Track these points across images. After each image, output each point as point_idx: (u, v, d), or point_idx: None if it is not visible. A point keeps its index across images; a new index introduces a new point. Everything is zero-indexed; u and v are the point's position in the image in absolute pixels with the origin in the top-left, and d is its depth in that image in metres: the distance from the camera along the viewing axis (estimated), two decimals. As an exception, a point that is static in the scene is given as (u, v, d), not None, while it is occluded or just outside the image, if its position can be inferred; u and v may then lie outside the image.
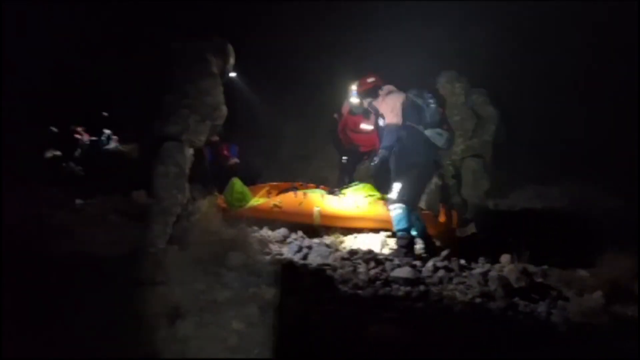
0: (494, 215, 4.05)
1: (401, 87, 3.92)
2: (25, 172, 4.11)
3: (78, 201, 3.62)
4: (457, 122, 4.01)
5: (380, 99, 3.88)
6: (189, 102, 2.62)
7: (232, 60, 2.97)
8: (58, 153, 5.35)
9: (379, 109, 3.85)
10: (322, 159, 7.17)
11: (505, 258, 3.32)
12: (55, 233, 2.93)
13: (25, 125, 5.06)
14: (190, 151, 2.72)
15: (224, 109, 2.84)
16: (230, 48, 2.94)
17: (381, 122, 3.83)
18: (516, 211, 4.53)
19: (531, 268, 3.17)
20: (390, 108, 3.74)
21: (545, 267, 3.26)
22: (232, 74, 3.07)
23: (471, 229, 4.03)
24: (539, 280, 3.04)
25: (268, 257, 3.24)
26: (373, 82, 4.00)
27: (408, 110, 3.65)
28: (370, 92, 3.99)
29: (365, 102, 4.08)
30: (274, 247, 3.58)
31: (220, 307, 2.15)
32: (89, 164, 5.18)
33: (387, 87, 3.94)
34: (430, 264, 3.22)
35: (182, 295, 2.18)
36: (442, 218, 4.07)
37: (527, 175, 6.19)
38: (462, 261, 3.33)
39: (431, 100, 3.65)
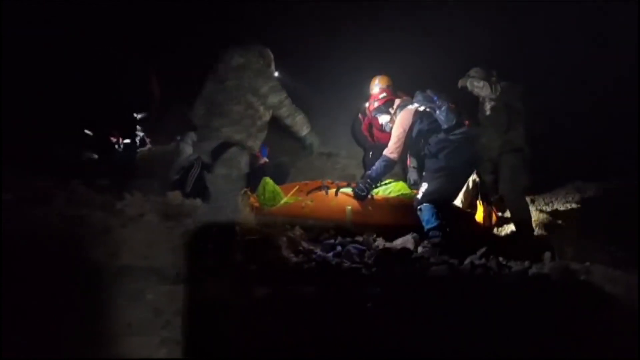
0: (533, 212, 3.92)
1: (419, 87, 3.83)
2: (65, 174, 4.25)
3: (119, 202, 3.72)
4: (490, 117, 3.91)
5: (393, 117, 3.81)
6: (252, 113, 2.91)
7: (272, 65, 3.24)
8: (94, 156, 5.52)
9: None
10: (348, 157, 7.14)
11: (546, 256, 3.23)
12: (97, 233, 3.01)
13: (61, 128, 5.23)
14: (247, 156, 2.97)
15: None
16: (269, 52, 3.21)
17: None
18: (557, 207, 4.38)
19: (574, 265, 3.07)
20: (395, 133, 3.65)
21: (588, 264, 3.15)
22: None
23: (510, 226, 3.92)
24: (582, 278, 2.94)
25: (301, 256, 3.25)
26: (385, 97, 3.96)
27: (423, 120, 3.56)
28: (383, 109, 3.96)
29: (382, 119, 4.05)
30: (307, 246, 3.58)
31: (261, 304, 2.17)
32: (125, 166, 5.32)
33: (397, 101, 3.85)
34: (467, 262, 3.16)
35: (224, 292, 2.22)
36: (479, 216, 3.98)
37: (567, 170, 5.99)
38: (501, 259, 3.25)
39: (439, 102, 3.56)
